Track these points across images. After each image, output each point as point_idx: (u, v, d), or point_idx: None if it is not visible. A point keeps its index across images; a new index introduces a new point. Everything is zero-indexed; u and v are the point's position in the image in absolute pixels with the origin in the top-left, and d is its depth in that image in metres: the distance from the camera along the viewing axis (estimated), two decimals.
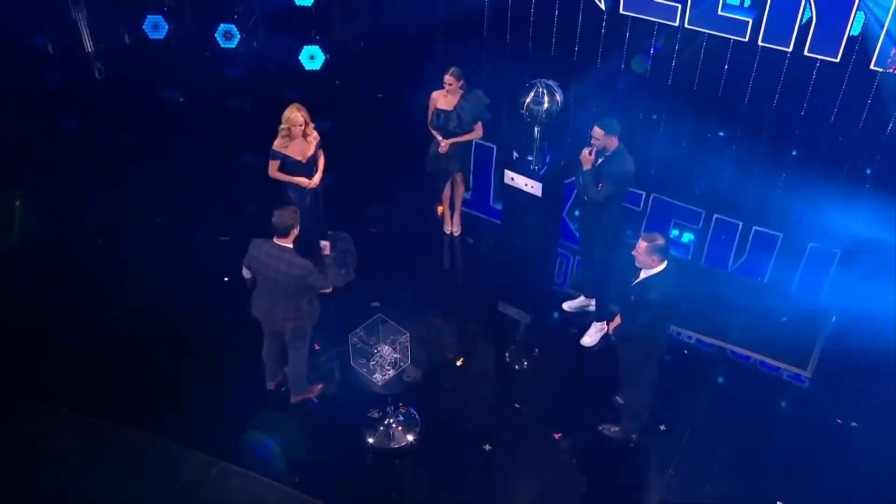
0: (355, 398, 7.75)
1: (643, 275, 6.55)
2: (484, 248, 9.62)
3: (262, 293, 7.18)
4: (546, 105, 9.01)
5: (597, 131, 7.66)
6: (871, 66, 10.42)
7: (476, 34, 12.79)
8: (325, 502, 7.11)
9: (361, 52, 12.83)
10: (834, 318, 8.97)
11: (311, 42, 12.11)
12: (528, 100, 9.11)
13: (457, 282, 9.54)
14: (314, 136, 8.37)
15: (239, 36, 12.35)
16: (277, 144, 8.24)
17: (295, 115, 8.11)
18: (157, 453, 7.51)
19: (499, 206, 10.15)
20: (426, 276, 9.22)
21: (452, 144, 8.86)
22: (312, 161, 8.41)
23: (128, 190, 10.33)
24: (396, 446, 7.64)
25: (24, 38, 12.54)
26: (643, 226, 10.09)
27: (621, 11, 11.45)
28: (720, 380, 8.36)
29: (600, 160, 7.75)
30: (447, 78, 8.59)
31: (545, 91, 9.07)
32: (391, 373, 7.07)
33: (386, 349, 7.00)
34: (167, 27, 12.63)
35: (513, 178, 9.28)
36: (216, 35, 12.29)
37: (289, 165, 8.30)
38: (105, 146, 10.95)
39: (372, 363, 7.01)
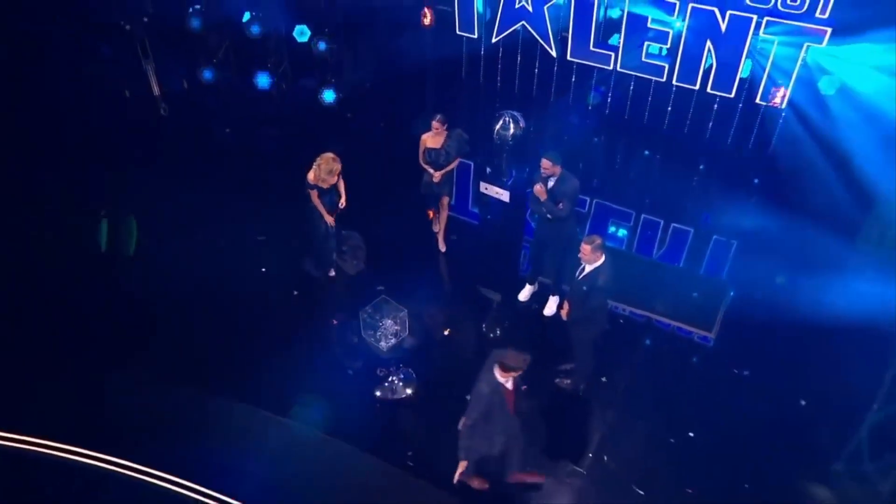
0: (365, 361, 7.85)
1: (588, 269, 6.61)
2: (465, 244, 9.47)
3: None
4: (511, 130, 9.19)
5: (545, 163, 7.57)
6: (757, 101, 10.44)
7: (456, 76, 12.65)
8: (344, 439, 7.18)
9: (368, 91, 12.64)
10: (732, 293, 9.05)
11: (328, 84, 11.92)
12: (497, 126, 9.23)
13: (444, 270, 9.35)
14: (338, 167, 8.16)
15: (272, 80, 12.25)
16: (311, 177, 8.06)
17: (329, 164, 7.91)
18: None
19: (476, 210, 10.11)
20: (420, 267, 9.10)
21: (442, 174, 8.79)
22: (334, 187, 8.26)
23: (193, 196, 10.25)
24: (398, 398, 7.67)
25: (108, 85, 12.36)
26: (588, 224, 10.13)
27: (568, 58, 11.28)
28: (647, 342, 8.38)
29: (551, 184, 7.67)
30: (434, 123, 8.47)
31: (511, 119, 9.20)
32: (393, 341, 7.15)
33: (389, 322, 7.03)
34: (213, 73, 12.48)
35: (486, 188, 9.32)
36: (255, 80, 12.18)
37: (322, 191, 8.17)
38: (173, 166, 10.85)
39: (378, 333, 7.07)
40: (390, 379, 7.76)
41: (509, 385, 5.97)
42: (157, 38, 12.51)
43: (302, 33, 11.97)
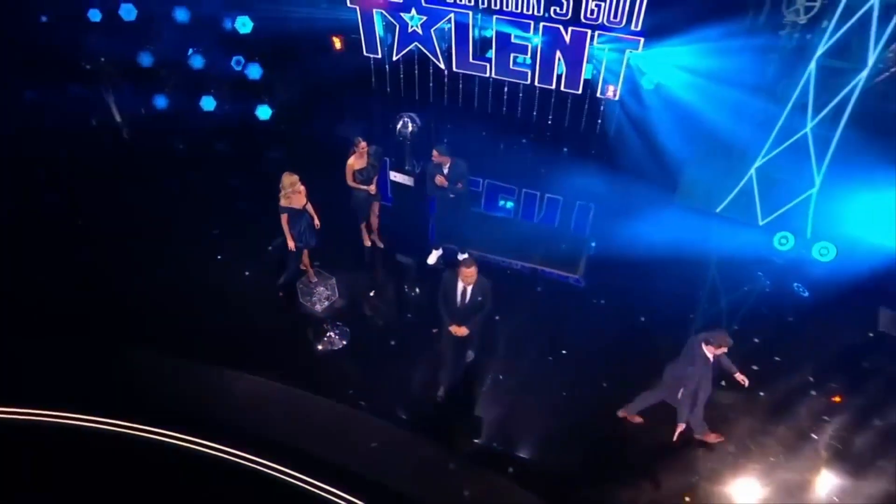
0: (306, 322, 8.02)
1: (469, 289, 6.42)
2: (382, 222, 9.32)
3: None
4: (410, 129, 9.56)
5: (436, 154, 7.84)
6: (598, 95, 10.90)
7: (367, 88, 12.67)
8: (296, 386, 7.39)
9: (297, 105, 12.58)
10: (594, 244, 9.77)
11: (263, 102, 11.99)
12: (398, 126, 9.64)
13: (367, 247, 9.30)
14: (303, 189, 7.72)
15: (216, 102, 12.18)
16: (283, 203, 7.60)
17: (288, 178, 7.56)
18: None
19: (390, 195, 10.29)
20: (348, 246, 9.17)
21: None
22: (307, 211, 7.89)
23: (154, 203, 10.16)
24: (335, 349, 7.85)
25: (77, 116, 12.08)
26: (483, 200, 10.47)
27: (454, 69, 11.59)
28: (537, 288, 8.94)
29: (446, 171, 7.90)
30: (360, 145, 8.18)
31: (409, 120, 9.61)
32: (326, 304, 7.37)
33: (321, 289, 7.22)
34: (166, 100, 12.41)
35: (395, 176, 9.85)
36: (201, 103, 12.16)
37: (293, 215, 7.72)
38: (136, 178, 10.73)
39: (313, 298, 7.23)
40: (328, 335, 7.85)
41: (717, 352, 6.09)
42: (115, 74, 12.37)
43: (238, 62, 12.13)
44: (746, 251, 9.46)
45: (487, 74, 11.44)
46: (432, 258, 9.08)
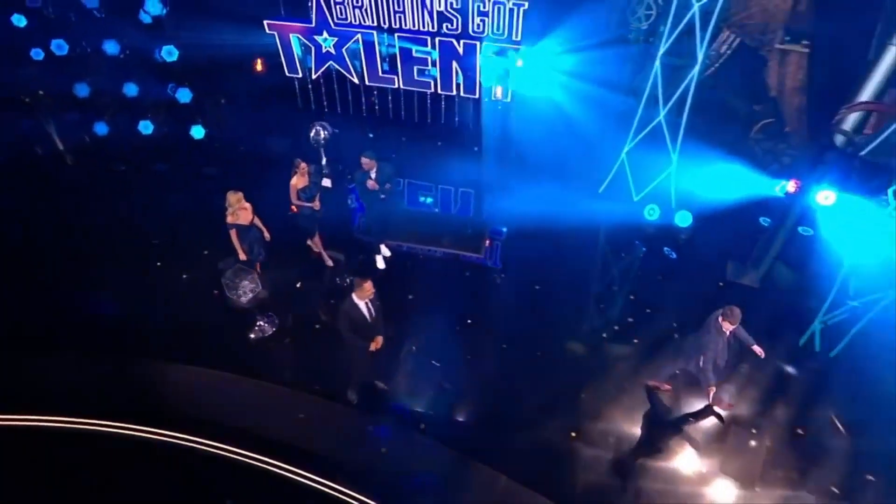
0: (235, 314, 8.02)
1: (370, 303, 6.41)
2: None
3: None
4: (322, 136, 9.78)
5: (364, 160, 8.02)
6: (492, 98, 11.48)
7: (293, 104, 12.58)
8: (232, 372, 7.57)
9: (227, 123, 12.49)
10: (505, 229, 10.21)
11: (196, 123, 11.96)
12: (311, 134, 9.82)
13: (295, 244, 9.21)
14: (248, 205, 7.69)
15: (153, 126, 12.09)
16: (230, 219, 7.59)
17: (233, 196, 7.56)
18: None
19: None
20: (276, 245, 8.67)
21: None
22: (254, 226, 7.81)
23: (100, 221, 10.12)
24: (265, 336, 8.01)
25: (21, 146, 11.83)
26: (405, 197, 10.76)
27: (367, 83, 11.79)
28: (458, 270, 9.37)
29: (374, 175, 8.10)
30: (300, 165, 8.14)
31: (321, 128, 9.82)
32: (251, 296, 7.27)
33: (245, 283, 7.13)
34: (108, 128, 12.23)
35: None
36: (139, 127, 12.06)
37: (241, 230, 7.73)
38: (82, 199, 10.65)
39: (238, 292, 7.17)
40: (258, 323, 8.01)
41: (728, 332, 6.35)
42: (53, 105, 12.21)
43: (171, 88, 12.19)
44: (625, 223, 10.19)
45: (396, 85, 11.77)
46: (380, 262, 9.22)
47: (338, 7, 10.62)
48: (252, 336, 7.96)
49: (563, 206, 10.05)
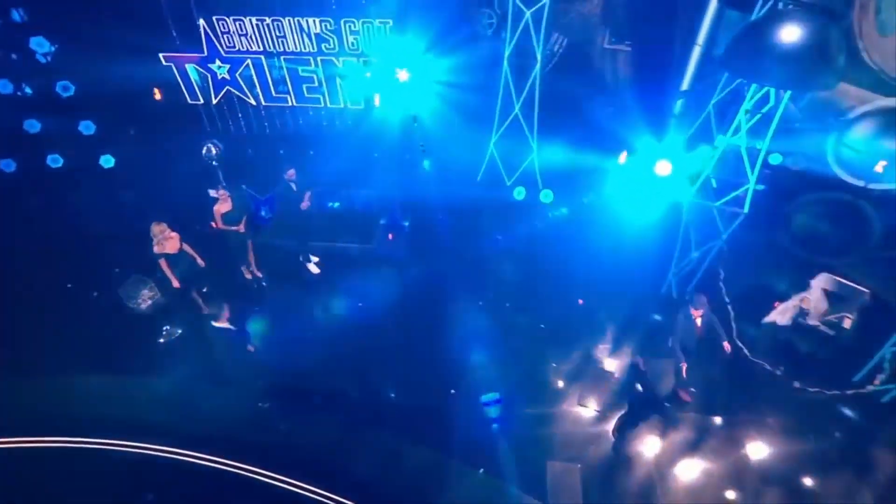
0: (144, 321, 8.09)
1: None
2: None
3: None
4: (214, 152, 9.77)
5: (289, 172, 8.09)
6: (377, 107, 11.42)
7: (201, 127, 12.04)
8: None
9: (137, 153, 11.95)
10: (383, 221, 10.39)
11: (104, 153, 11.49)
12: (203, 151, 9.85)
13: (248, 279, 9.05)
14: (174, 234, 7.35)
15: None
16: (157, 249, 7.25)
17: (157, 227, 7.26)
18: None
19: None
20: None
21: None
22: (185, 253, 7.47)
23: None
24: (173, 338, 7.98)
25: None
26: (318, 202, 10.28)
27: (264, 104, 11.61)
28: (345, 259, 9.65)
29: (295, 185, 8.22)
30: (220, 193, 7.93)
31: (212, 145, 9.81)
32: (150, 303, 7.47)
33: (145, 291, 7.33)
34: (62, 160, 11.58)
35: (212, 192, 9.20)
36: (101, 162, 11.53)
37: (171, 258, 7.36)
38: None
39: (137, 300, 7.34)
40: (165, 329, 7.91)
41: (698, 321, 6.35)
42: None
43: (74, 121, 11.71)
44: (501, 205, 10.66)
45: (289, 104, 11.65)
46: (314, 268, 9.22)
47: (225, 36, 10.60)
48: (161, 340, 7.88)
49: (451, 197, 10.40)
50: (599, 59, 10.69)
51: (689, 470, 6.66)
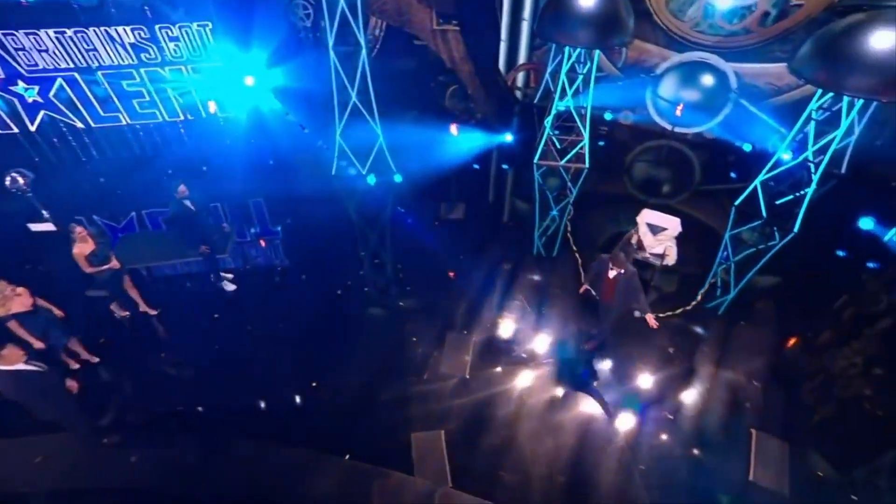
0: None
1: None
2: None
3: None
4: (22, 181, 8.87)
5: (181, 188, 7.51)
6: (220, 116, 11.38)
7: (23, 155, 10.75)
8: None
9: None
10: (279, 228, 9.72)
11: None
12: (7, 182, 8.91)
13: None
14: (21, 289, 6.31)
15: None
16: (1, 312, 6.21)
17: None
18: None
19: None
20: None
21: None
22: (39, 308, 6.45)
23: None
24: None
25: None
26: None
27: (94, 125, 10.96)
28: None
29: (189, 201, 7.66)
30: (76, 231, 6.98)
31: (17, 175, 8.95)
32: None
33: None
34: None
35: (34, 227, 8.95)
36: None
37: (24, 318, 6.28)
38: None
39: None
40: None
41: (612, 273, 6.19)
42: None
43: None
44: (364, 191, 10.50)
45: (124, 122, 11.09)
46: (228, 286, 8.52)
47: (21, 54, 9.63)
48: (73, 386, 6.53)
49: (313, 194, 10.10)
50: (431, 39, 10.86)
51: (552, 413, 6.90)
